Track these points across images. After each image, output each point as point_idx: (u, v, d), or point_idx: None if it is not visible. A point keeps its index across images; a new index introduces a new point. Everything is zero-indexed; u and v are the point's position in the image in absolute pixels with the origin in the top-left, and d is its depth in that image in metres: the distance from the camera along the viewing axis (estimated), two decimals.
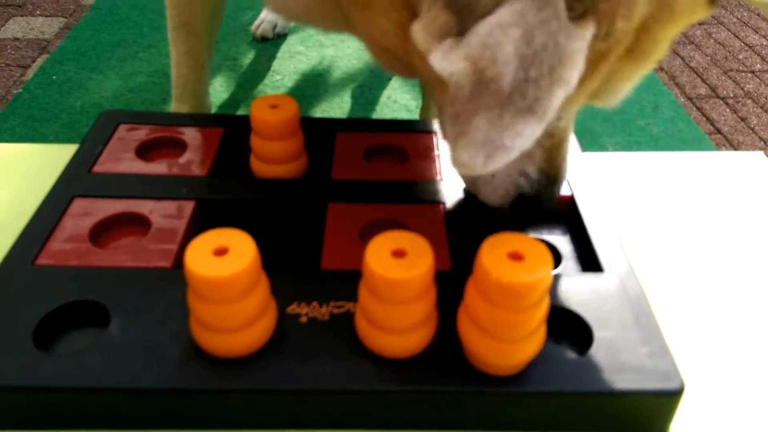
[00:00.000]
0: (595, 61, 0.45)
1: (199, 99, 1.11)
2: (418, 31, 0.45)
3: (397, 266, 0.43)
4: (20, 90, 1.60)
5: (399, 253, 0.44)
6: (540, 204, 0.59)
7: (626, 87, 0.52)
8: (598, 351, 0.48)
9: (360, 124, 0.75)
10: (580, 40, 0.41)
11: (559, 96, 0.40)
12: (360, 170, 0.68)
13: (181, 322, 0.49)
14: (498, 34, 0.41)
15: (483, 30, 0.41)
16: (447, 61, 0.42)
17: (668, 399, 0.46)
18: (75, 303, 0.51)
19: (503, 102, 0.40)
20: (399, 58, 0.58)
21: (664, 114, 1.77)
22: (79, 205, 0.61)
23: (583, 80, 0.46)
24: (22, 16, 2.00)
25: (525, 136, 0.40)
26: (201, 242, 0.44)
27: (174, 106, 1.12)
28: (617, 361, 0.47)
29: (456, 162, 0.42)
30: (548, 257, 0.42)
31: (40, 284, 0.52)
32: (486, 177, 0.59)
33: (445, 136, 0.57)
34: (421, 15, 0.46)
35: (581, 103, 0.52)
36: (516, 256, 0.42)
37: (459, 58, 0.42)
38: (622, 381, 0.46)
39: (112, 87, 1.63)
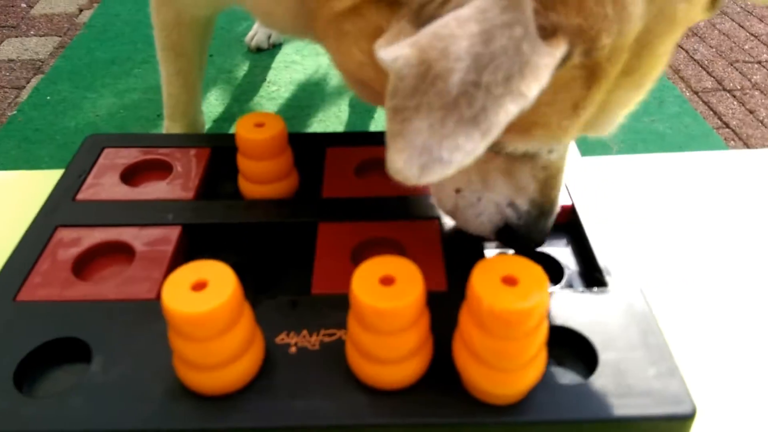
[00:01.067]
0: (586, 83, 0.42)
1: (191, 117, 1.10)
2: (381, 45, 0.41)
3: (385, 295, 0.41)
4: (14, 112, 1.59)
5: (387, 281, 0.42)
6: (529, 237, 0.54)
7: (622, 114, 0.49)
8: (603, 374, 0.45)
9: (350, 138, 0.73)
10: (547, 56, 0.38)
11: (509, 111, 0.37)
12: (351, 186, 0.65)
13: (164, 358, 0.47)
14: (453, 27, 0.37)
15: (439, 22, 0.38)
16: (393, 48, 0.38)
17: (679, 424, 0.44)
18: (56, 341, 0.49)
19: (448, 105, 0.37)
20: (377, 92, 0.54)
21: (669, 109, 1.73)
22: (62, 235, 0.59)
23: (577, 105, 0.43)
24: (16, 37, 2.00)
25: (465, 151, 0.37)
26: (178, 277, 0.42)
27: (166, 125, 1.11)
28: (624, 384, 0.45)
29: (390, 167, 0.39)
30: (544, 280, 0.40)
31: (21, 322, 0.50)
32: (471, 202, 0.55)
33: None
34: (386, 32, 0.43)
35: (575, 134, 0.48)
36: (509, 281, 0.40)
37: (406, 45, 0.38)
38: (629, 406, 0.43)
39: (107, 105, 1.62)
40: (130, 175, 0.68)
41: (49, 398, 0.45)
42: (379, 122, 1.61)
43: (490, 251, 0.59)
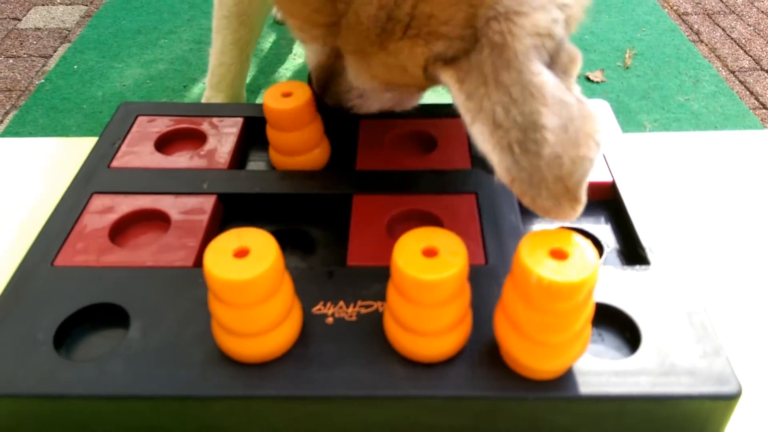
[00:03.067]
0: None
1: (236, 89, 1.06)
2: None
3: (428, 266, 0.41)
4: (42, 81, 1.60)
5: (430, 252, 0.41)
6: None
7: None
8: (645, 352, 0.45)
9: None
10: None
11: None
12: (386, 159, 0.64)
13: (203, 325, 0.47)
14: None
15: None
16: None
17: (723, 404, 0.43)
18: (94, 306, 0.49)
19: None
20: None
21: (704, 89, 1.69)
22: (98, 201, 0.59)
23: None
24: (43, 5, 2.00)
25: None
26: (220, 243, 0.42)
27: (208, 95, 1.08)
28: (667, 362, 0.44)
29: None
30: (594, 255, 0.39)
31: (59, 286, 0.51)
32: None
33: None
34: None
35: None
36: (559, 254, 0.39)
37: None
38: (672, 384, 0.43)
39: (133, 75, 1.62)
40: (164, 144, 0.67)
41: (88, 362, 0.46)
42: None
43: (531, 227, 0.59)
